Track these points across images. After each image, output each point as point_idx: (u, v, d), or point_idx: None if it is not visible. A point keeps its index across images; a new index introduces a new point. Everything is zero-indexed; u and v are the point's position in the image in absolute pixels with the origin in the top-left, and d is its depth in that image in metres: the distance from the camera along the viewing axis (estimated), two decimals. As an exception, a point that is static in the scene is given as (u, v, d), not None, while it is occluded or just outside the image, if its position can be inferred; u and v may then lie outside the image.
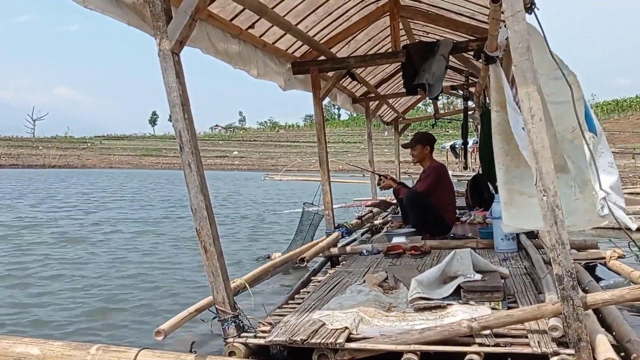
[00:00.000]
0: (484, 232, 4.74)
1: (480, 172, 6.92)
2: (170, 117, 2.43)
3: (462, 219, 6.20)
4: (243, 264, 5.83)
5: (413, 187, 5.66)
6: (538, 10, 2.26)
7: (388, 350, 2.23)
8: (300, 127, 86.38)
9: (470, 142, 13.76)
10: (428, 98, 6.13)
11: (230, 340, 2.43)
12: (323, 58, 5.02)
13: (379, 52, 6.45)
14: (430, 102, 11.36)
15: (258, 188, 23.66)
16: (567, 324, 2.03)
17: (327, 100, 6.14)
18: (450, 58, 4.95)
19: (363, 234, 6.15)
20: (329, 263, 4.69)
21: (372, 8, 5.15)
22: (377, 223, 6.67)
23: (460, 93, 7.98)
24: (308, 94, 5.19)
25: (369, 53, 6.19)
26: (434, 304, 2.68)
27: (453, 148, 20.07)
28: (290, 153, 60.57)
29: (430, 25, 5.58)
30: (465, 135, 8.96)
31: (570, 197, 2.50)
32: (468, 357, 2.15)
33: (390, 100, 9.30)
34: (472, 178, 7.33)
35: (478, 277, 2.78)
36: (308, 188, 16.34)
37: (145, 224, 9.99)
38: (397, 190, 5.59)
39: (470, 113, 9.08)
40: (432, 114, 12.02)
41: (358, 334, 2.36)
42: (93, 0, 2.34)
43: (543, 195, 2.01)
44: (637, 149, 28.92)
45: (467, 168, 16.09)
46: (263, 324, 2.63)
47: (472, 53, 4.69)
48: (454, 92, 8.61)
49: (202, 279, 4.74)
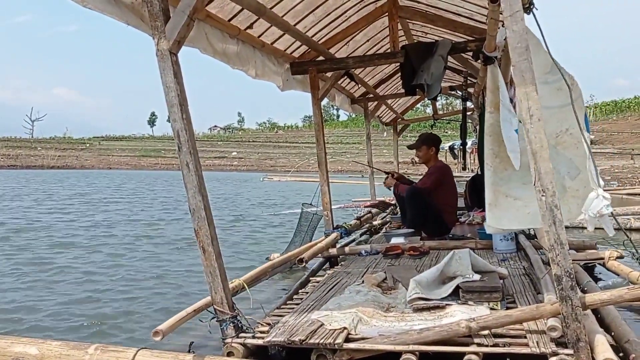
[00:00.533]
0: (483, 232, 4.72)
1: (479, 172, 6.92)
2: (169, 117, 2.43)
3: (461, 220, 6.19)
4: (243, 264, 5.82)
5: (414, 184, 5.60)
6: (537, 11, 2.26)
7: (386, 351, 2.23)
8: (299, 128, 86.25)
9: (469, 142, 13.75)
10: (427, 98, 6.10)
11: (229, 341, 2.43)
12: (322, 58, 5.02)
13: (378, 52, 6.45)
14: (429, 102, 11.37)
15: (257, 189, 23.64)
16: (565, 324, 2.04)
17: (325, 101, 6.15)
18: (449, 58, 4.95)
19: (362, 235, 6.13)
20: (328, 263, 4.70)
21: (370, 8, 5.16)
22: (375, 224, 6.66)
23: (459, 94, 7.98)
24: (307, 95, 5.18)
25: (368, 53, 6.20)
26: (433, 304, 2.68)
27: (451, 149, 20.05)
28: (289, 154, 60.52)
29: (429, 26, 5.59)
30: (464, 136, 8.98)
31: None
32: (467, 357, 2.15)
33: (389, 101, 9.31)
34: (470, 179, 7.34)
35: (477, 277, 2.79)
36: (308, 188, 16.33)
37: (144, 225, 9.98)
38: (397, 186, 5.47)
39: (469, 114, 9.10)
40: (431, 115, 12.01)
41: (357, 334, 2.36)
42: (92, 0, 2.34)
43: (542, 195, 2.01)
44: (635, 150, 28.94)
45: (465, 169, 16.08)
46: (261, 325, 2.63)
47: (470, 53, 4.70)
48: (453, 92, 8.62)
49: (201, 279, 4.72)
